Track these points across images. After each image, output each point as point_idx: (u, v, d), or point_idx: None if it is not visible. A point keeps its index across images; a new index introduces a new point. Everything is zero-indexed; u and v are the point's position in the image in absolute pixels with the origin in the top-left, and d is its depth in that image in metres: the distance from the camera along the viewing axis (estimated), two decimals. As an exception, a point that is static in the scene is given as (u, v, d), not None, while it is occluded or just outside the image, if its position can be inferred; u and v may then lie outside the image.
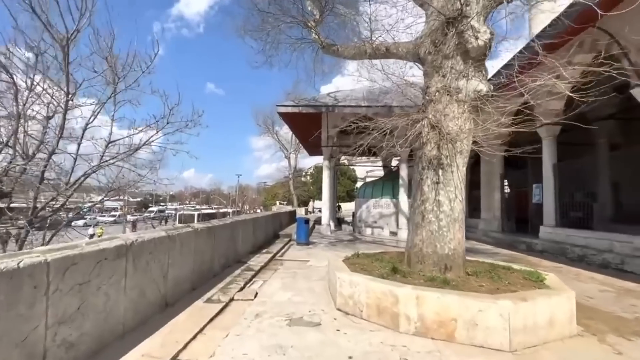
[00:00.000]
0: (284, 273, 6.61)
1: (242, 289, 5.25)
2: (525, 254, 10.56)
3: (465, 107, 4.77)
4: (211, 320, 3.85)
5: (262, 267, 6.90)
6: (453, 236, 4.74)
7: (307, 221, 11.09)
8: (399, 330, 3.60)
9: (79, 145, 4.74)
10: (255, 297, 4.85)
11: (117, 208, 55.54)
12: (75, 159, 4.75)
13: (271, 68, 9.43)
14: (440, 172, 4.78)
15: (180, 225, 4.73)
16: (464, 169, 4.91)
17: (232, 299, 4.69)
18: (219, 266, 6.08)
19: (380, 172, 39.83)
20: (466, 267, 4.81)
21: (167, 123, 4.95)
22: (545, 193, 11.44)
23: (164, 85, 5.06)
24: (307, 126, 17.17)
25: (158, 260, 3.86)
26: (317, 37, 8.32)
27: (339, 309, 4.29)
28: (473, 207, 18.05)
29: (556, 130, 11.06)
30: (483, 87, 4.61)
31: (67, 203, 5.10)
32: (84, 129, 4.75)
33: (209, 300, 4.49)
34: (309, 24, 8.43)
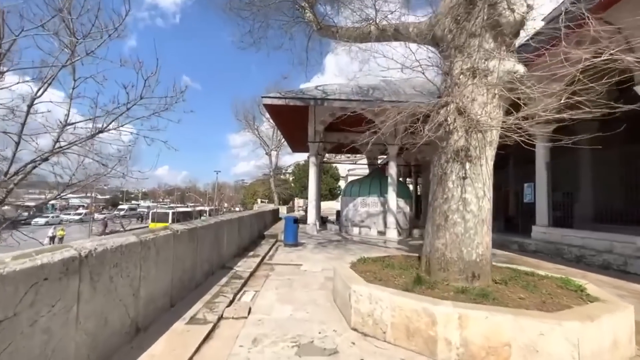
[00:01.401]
0: (277, 280, 5.79)
1: (231, 302, 4.39)
2: (520, 254, 10.29)
3: (496, 91, 4.16)
4: (197, 350, 2.99)
5: (251, 274, 6.04)
6: (481, 240, 4.13)
7: (295, 220, 10.28)
8: (436, 358, 2.91)
9: (23, 125, 3.71)
10: (249, 313, 4.01)
11: (84, 205, 52.07)
12: (17, 144, 3.71)
13: (258, 51, 8.52)
14: (467, 165, 4.14)
15: (155, 227, 3.82)
16: (492, 162, 4.31)
17: (221, 318, 3.83)
18: (202, 274, 5.18)
19: (361, 171, 39.58)
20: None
21: (141, 98, 3.97)
22: (538, 192, 11.27)
23: (133, 78, 4.04)
24: (292, 120, 16.33)
25: (127, 275, 2.95)
26: (312, 16, 7.52)
27: (354, 329, 3.54)
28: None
29: (549, 129, 10.86)
30: (520, 68, 4.01)
31: (8, 198, 4.03)
32: (30, 105, 3.71)
33: (192, 321, 3.61)
34: (302, 4, 7.61)
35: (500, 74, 4.07)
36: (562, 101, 3.27)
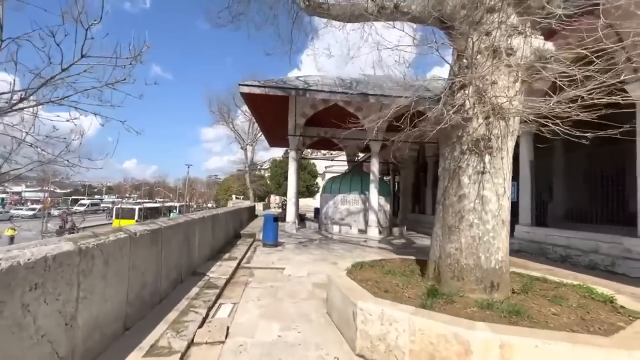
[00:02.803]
0: (258, 289, 5.01)
1: (204, 320, 3.58)
2: (505, 254, 10.09)
3: (519, 73, 3.63)
4: (157, 399, 2.20)
5: (227, 281, 5.22)
6: (501, 244, 3.60)
7: (276, 219, 9.48)
8: (471, 398, 2.30)
9: None
10: (226, 336, 3.23)
11: (40, 200, 47.86)
12: None
13: (238, 29, 7.62)
14: (487, 158, 3.59)
15: (104, 230, 2.93)
16: (512, 155, 3.79)
17: (191, 343, 3.03)
18: (168, 284, 4.31)
19: (339, 168, 39.13)
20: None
21: (82, 57, 3.01)
22: (522, 191, 11.21)
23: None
24: (271, 112, 15.46)
25: (55, 298, 2.10)
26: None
27: (361, 356, 2.87)
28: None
29: (533, 128, 10.77)
30: (550, 46, 3.50)
31: None
32: None
33: (153, 351, 2.78)
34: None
35: (526, 54, 3.54)
36: (620, 79, 2.77)
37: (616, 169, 9.51)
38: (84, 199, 61.76)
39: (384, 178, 27.08)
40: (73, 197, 62.53)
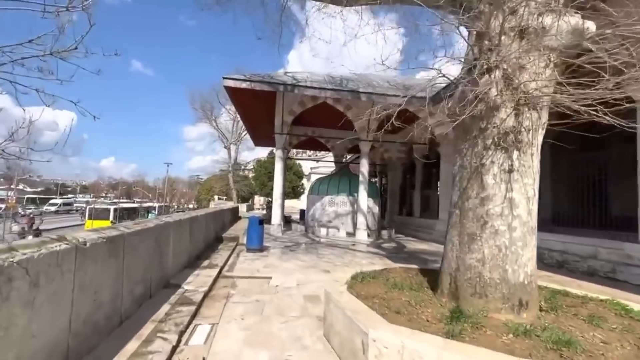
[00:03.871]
0: (242, 304, 4.32)
1: (174, 350, 2.89)
2: (499, 259, 9.76)
3: (552, 57, 3.14)
4: None
5: (205, 294, 4.50)
6: (530, 254, 3.09)
7: (261, 222, 8.78)
8: None
9: None
10: (201, 373, 2.56)
11: (3, 199, 44.86)
12: None
13: (224, 13, 6.91)
14: (515, 154, 3.07)
15: (34, 241, 2.20)
16: (540, 151, 3.30)
17: (153, 387, 2.34)
18: (132, 301, 3.57)
19: (325, 169, 38.60)
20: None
21: None
22: (515, 194, 10.90)
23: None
24: (257, 109, 14.71)
25: None
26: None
27: (374, 400, 2.27)
28: (424, 207, 17.63)
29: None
30: (590, 25, 3.02)
31: None
32: None
33: (99, 401, 2.08)
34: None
35: (562, 34, 3.05)
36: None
37: (601, 173, 9.40)
38: (55, 197, 58.51)
39: (372, 179, 26.75)
40: (37, 196, 59.04)
